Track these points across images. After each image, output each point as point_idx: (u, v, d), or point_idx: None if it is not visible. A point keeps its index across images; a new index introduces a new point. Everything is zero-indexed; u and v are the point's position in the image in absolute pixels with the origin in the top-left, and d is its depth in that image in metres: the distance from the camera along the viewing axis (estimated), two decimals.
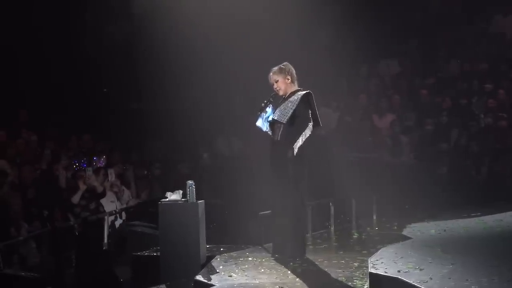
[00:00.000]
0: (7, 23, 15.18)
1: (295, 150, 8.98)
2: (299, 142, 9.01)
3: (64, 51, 15.66)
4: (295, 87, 9.18)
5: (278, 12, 14.87)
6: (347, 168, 13.53)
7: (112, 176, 13.06)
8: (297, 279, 8.12)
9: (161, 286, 8.97)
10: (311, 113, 9.06)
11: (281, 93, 9.18)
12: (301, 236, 9.21)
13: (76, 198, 12.48)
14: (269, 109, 9.21)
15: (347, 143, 14.81)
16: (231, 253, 9.59)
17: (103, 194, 12.73)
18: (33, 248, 11.29)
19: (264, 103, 9.22)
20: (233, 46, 15.00)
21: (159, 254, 9.50)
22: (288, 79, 9.16)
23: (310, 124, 9.04)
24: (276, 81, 9.16)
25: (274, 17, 14.84)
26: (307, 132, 9.02)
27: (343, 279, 8.12)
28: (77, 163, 13.84)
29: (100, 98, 16.15)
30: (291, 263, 8.78)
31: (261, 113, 9.23)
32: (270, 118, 9.19)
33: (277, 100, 9.24)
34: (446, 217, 11.08)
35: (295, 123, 9.05)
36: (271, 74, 9.21)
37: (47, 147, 13.87)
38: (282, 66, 9.21)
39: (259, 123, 9.25)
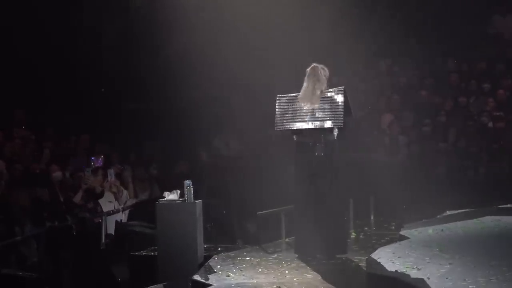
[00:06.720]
0: (6, 23, 15.16)
1: None
2: None
3: (63, 50, 15.63)
4: None
5: (277, 12, 14.87)
6: (345, 168, 13.51)
7: (111, 176, 13.04)
8: (295, 279, 8.12)
9: (158, 285, 8.96)
10: None
11: None
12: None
13: (77, 198, 12.48)
14: None
15: (344, 143, 14.75)
16: (229, 253, 9.59)
17: (101, 195, 12.72)
18: (31, 247, 11.26)
19: None
20: (233, 46, 14.98)
21: (156, 254, 9.51)
22: None
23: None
24: None
25: (273, 17, 14.83)
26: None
27: (340, 278, 8.12)
28: (76, 163, 13.83)
29: (99, 98, 16.12)
30: (289, 263, 8.79)
31: None
32: None
33: None
34: (444, 217, 11.07)
35: None
36: None
37: (45, 147, 13.85)
38: None
39: None
